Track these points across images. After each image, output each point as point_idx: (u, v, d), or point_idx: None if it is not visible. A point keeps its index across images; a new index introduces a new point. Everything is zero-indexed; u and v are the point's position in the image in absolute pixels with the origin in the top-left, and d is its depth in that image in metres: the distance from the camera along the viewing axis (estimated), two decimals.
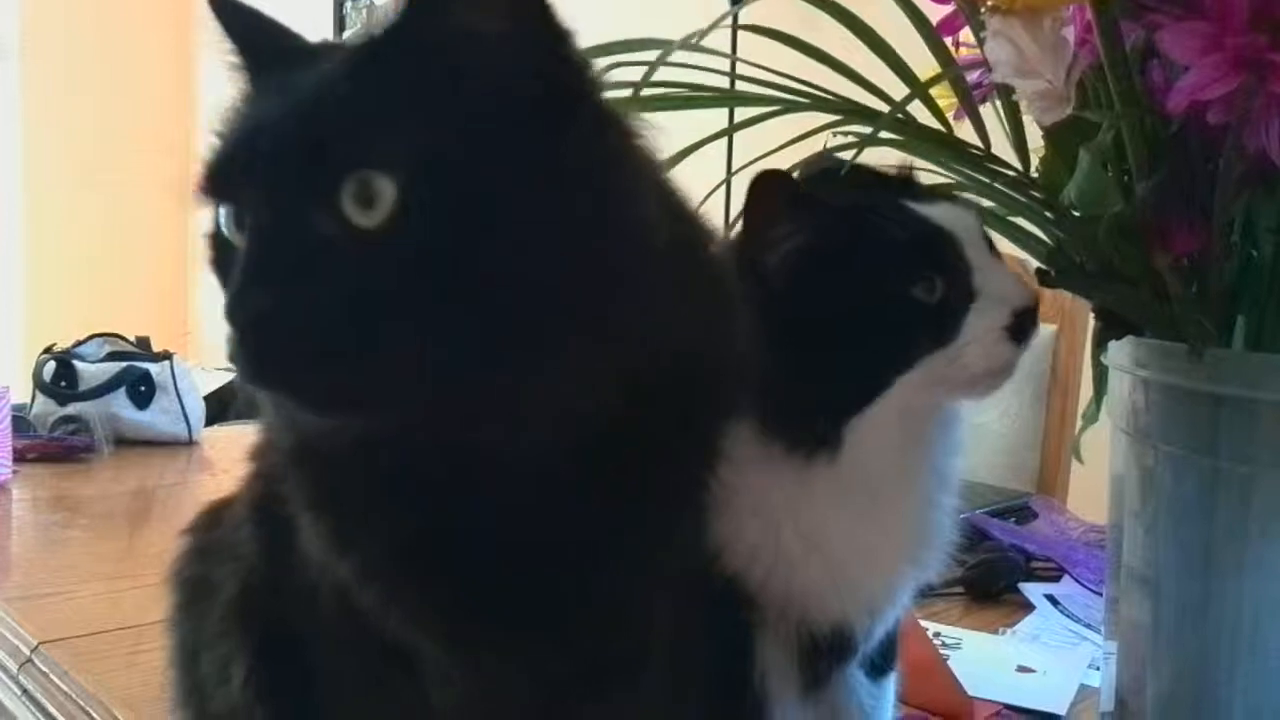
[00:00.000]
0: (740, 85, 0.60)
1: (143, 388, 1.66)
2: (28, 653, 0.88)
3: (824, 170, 0.60)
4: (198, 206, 0.44)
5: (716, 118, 0.61)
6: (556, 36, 0.42)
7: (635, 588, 0.49)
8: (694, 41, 0.54)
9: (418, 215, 0.39)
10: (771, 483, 0.56)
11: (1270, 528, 0.51)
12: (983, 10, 0.46)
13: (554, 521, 0.45)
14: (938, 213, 0.56)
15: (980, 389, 0.58)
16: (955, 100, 0.59)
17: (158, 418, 1.67)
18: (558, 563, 0.46)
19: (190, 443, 1.70)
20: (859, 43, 0.58)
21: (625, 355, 0.42)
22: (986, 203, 0.61)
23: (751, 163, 0.62)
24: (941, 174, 0.61)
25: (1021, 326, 0.56)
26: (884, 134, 0.58)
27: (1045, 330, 1.63)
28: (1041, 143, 0.57)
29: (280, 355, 0.40)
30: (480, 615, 0.46)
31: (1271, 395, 0.50)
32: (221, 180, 0.43)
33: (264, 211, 0.41)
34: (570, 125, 0.41)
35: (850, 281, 0.55)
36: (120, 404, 1.65)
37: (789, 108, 0.58)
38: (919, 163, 0.61)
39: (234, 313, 0.39)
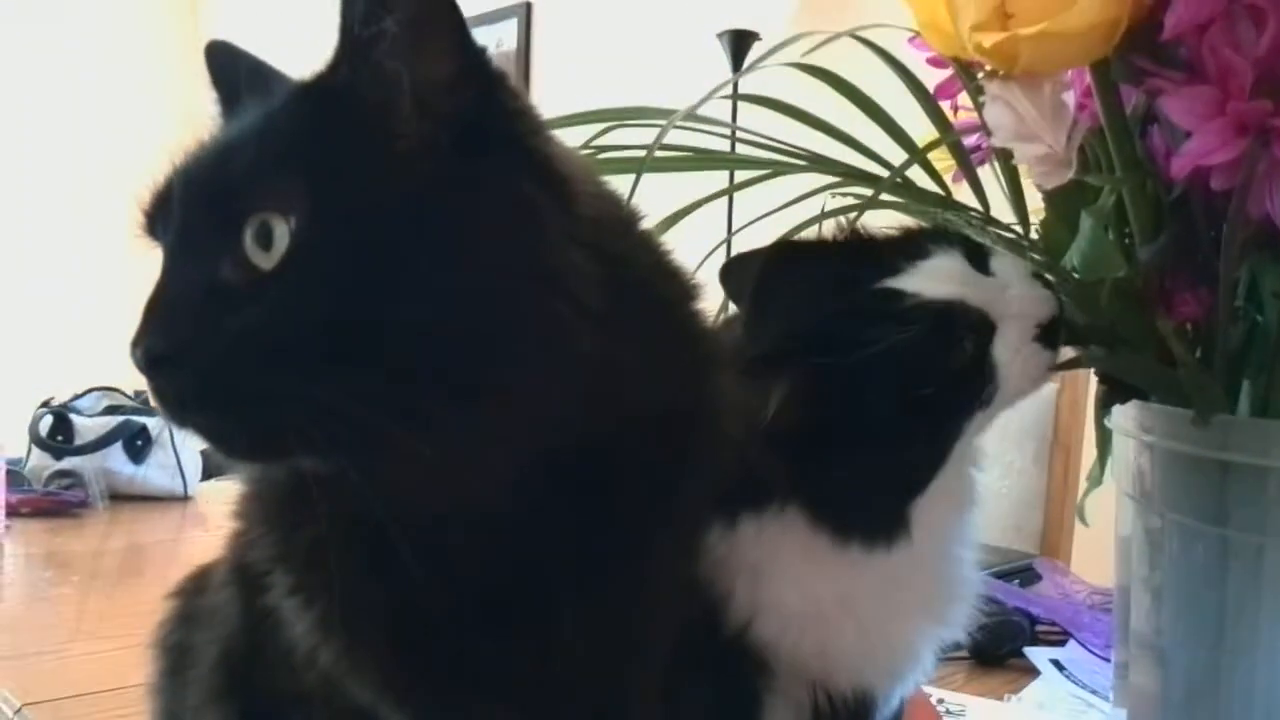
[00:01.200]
0: (740, 148, 0.60)
1: (139, 442, 1.66)
2: (11, 715, 0.86)
3: (785, 256, 0.57)
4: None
5: (715, 176, 0.61)
6: (491, 80, 0.42)
7: (609, 650, 0.48)
8: (694, 109, 0.53)
9: (309, 257, 0.39)
10: (822, 561, 0.55)
11: None
12: (981, 75, 0.45)
13: (511, 581, 0.44)
14: (927, 281, 0.54)
15: (1024, 398, 0.56)
16: (953, 163, 0.59)
17: (153, 472, 1.66)
18: (515, 624, 0.45)
19: (185, 498, 1.69)
20: (857, 110, 0.58)
21: (546, 409, 0.41)
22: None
23: (751, 223, 0.62)
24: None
25: (1050, 332, 0.54)
26: (884, 197, 0.57)
27: (1046, 388, 1.62)
28: (1040, 204, 0.57)
29: (179, 396, 0.40)
30: (435, 681, 0.45)
31: None
32: (149, 222, 0.44)
33: (175, 253, 0.41)
34: (490, 173, 0.41)
35: (878, 395, 0.53)
36: (116, 458, 1.64)
37: (786, 169, 0.58)
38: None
39: (131, 352, 0.40)
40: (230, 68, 0.48)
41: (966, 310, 0.53)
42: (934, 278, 0.54)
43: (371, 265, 0.39)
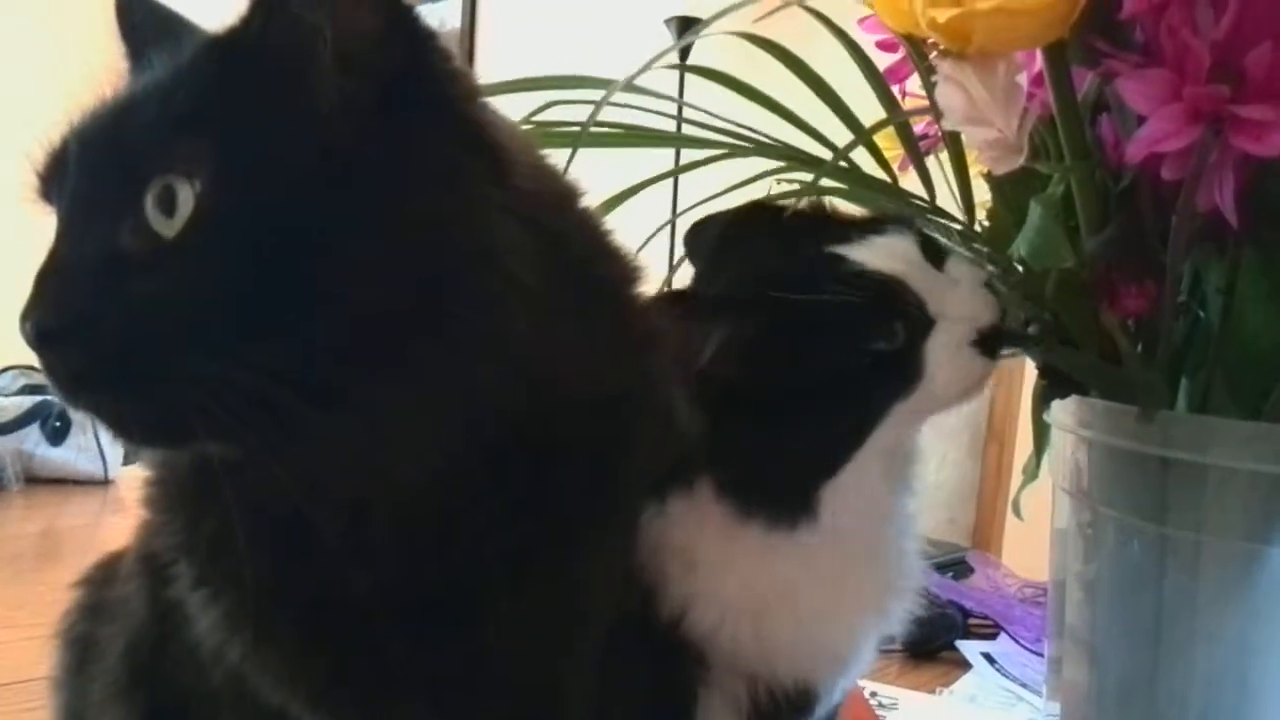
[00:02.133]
0: (686, 128, 0.58)
1: (58, 423, 1.60)
2: None
3: (748, 219, 0.57)
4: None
5: (662, 158, 0.60)
6: (419, 38, 0.39)
7: (541, 648, 0.45)
8: (635, 78, 0.51)
9: (215, 223, 0.36)
10: (744, 544, 0.53)
11: (1220, 598, 0.49)
12: (933, 55, 0.44)
13: (436, 574, 0.41)
14: (875, 255, 0.53)
15: (955, 405, 0.55)
16: (901, 150, 0.58)
17: (72, 455, 1.61)
18: (440, 620, 0.42)
19: (106, 482, 1.64)
20: (805, 94, 0.56)
21: (475, 390, 0.39)
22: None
23: (695, 206, 0.61)
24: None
25: (990, 340, 0.53)
26: (827, 182, 0.56)
27: None
28: (987, 196, 0.56)
29: (72, 374, 0.37)
30: (351, 681, 0.43)
31: (1222, 460, 0.48)
32: (44, 186, 0.41)
33: (70, 219, 0.38)
34: (416, 136, 0.38)
35: (801, 358, 0.52)
36: (33, 440, 1.59)
37: (733, 152, 0.57)
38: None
39: (20, 326, 0.37)
40: (141, 20, 0.44)
41: (905, 291, 0.52)
42: (882, 252, 0.53)
43: (283, 232, 0.36)
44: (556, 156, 0.50)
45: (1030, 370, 0.58)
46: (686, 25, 2.37)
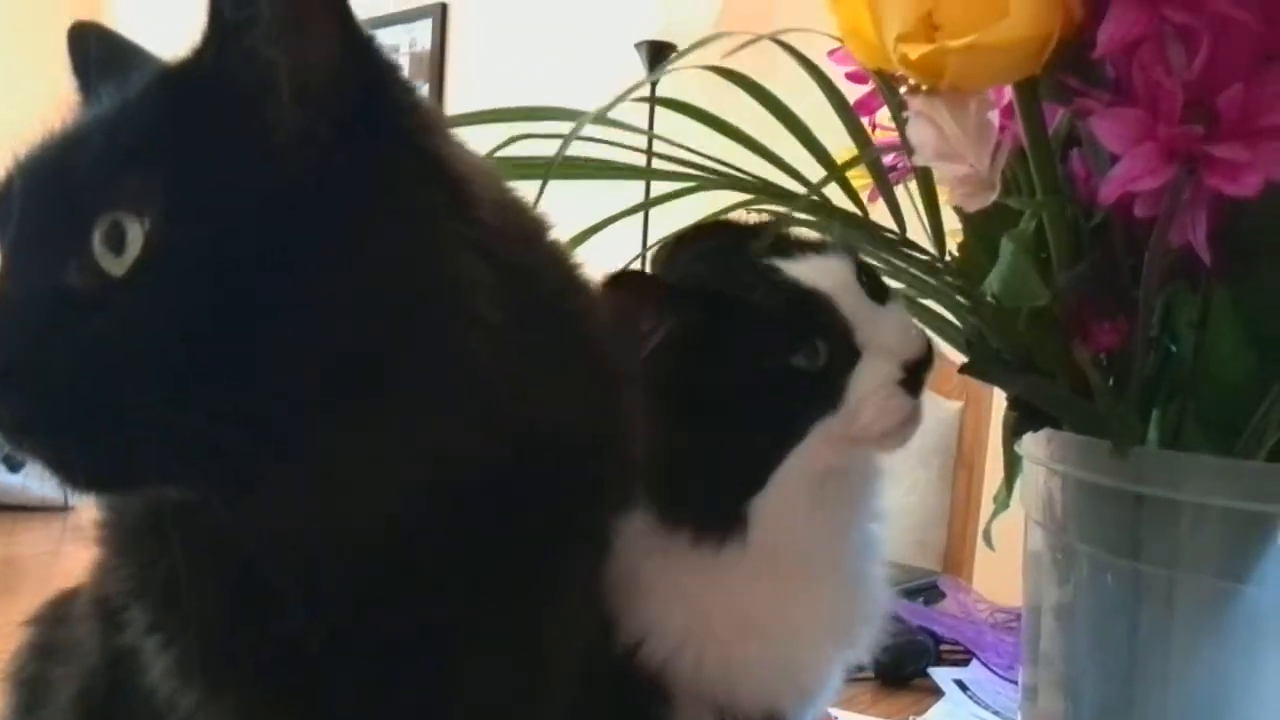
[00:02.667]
0: (656, 162, 0.58)
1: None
2: None
3: (692, 234, 0.59)
4: None
5: (632, 190, 0.59)
6: (378, 70, 0.38)
7: (508, 697, 0.44)
8: (605, 112, 0.51)
9: (165, 261, 0.35)
10: (689, 567, 0.53)
11: (1195, 635, 0.49)
12: (904, 89, 0.44)
13: (389, 620, 0.40)
14: (809, 271, 0.54)
15: (887, 444, 0.56)
16: (870, 181, 0.57)
17: (31, 480, 1.58)
18: (398, 670, 0.41)
19: (65, 508, 1.60)
20: (775, 126, 0.56)
21: (436, 433, 0.38)
22: (894, 284, 0.59)
23: (666, 238, 0.60)
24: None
25: (915, 377, 0.54)
26: (798, 214, 0.56)
27: (951, 406, 1.64)
28: (956, 225, 0.56)
29: (13, 418, 0.35)
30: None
31: (1195, 497, 0.48)
32: None
33: (14, 256, 0.37)
34: (375, 171, 0.37)
35: (726, 361, 0.52)
36: None
37: (703, 185, 0.57)
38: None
39: None
40: (95, 51, 0.43)
41: (830, 310, 0.53)
42: (815, 270, 0.54)
43: (236, 270, 0.35)
44: (525, 189, 0.50)
45: (999, 394, 0.58)
46: (658, 50, 2.38)
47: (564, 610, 0.47)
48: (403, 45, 3.32)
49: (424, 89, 3.23)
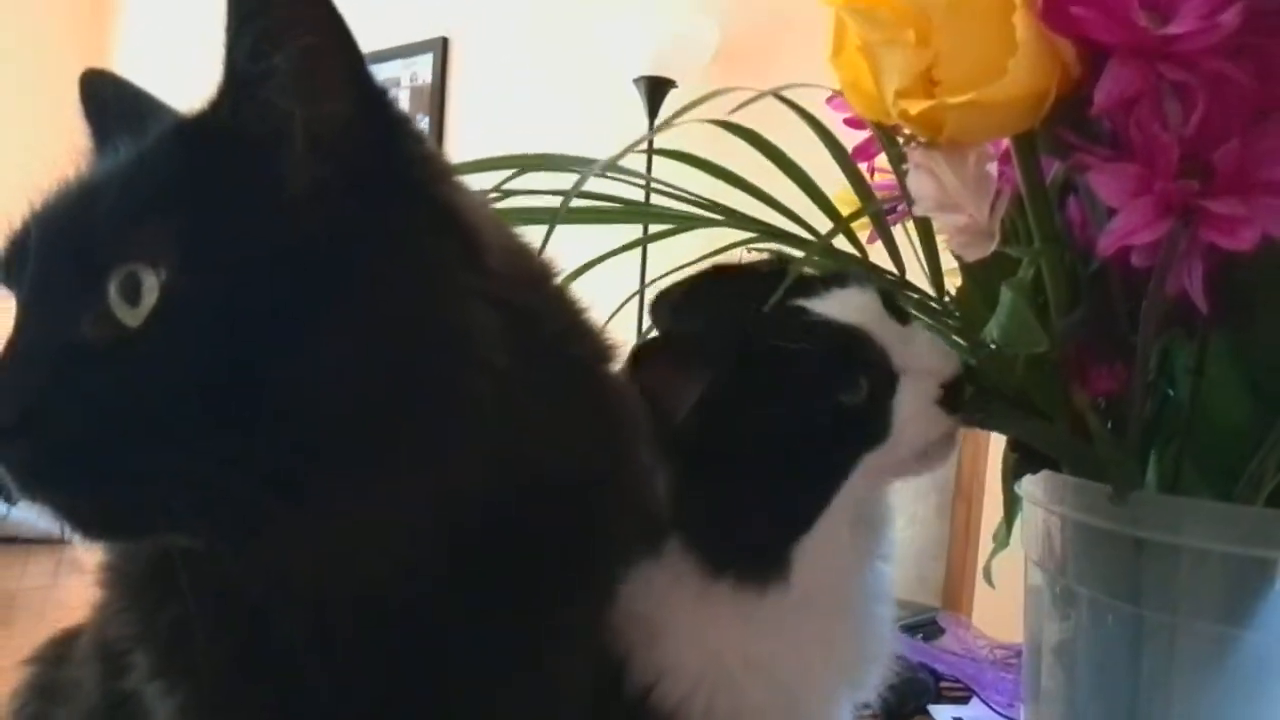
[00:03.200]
0: (655, 198, 0.58)
1: None
2: None
3: (710, 280, 0.58)
4: None
5: (630, 226, 0.60)
6: (391, 121, 0.39)
7: None
8: (612, 163, 0.51)
9: (180, 312, 0.35)
10: (714, 611, 0.53)
11: (1196, 680, 0.49)
12: (903, 140, 0.44)
13: (407, 670, 0.40)
14: (838, 307, 0.54)
15: (926, 465, 0.56)
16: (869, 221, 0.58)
17: (26, 512, 1.57)
18: (412, 705, 0.41)
19: (63, 541, 1.59)
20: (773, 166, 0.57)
21: (446, 480, 0.38)
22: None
23: (664, 275, 0.61)
24: None
25: (954, 395, 0.53)
26: (796, 254, 0.56)
27: None
28: (954, 264, 0.56)
29: (28, 469, 0.36)
30: None
31: (1193, 541, 0.48)
32: (4, 271, 0.40)
33: (30, 306, 0.37)
34: (388, 221, 0.38)
35: (769, 408, 0.52)
36: None
37: (701, 223, 0.57)
38: None
39: None
40: (109, 99, 0.44)
41: (868, 342, 0.53)
42: (844, 304, 0.54)
43: (251, 322, 0.35)
44: (529, 232, 0.50)
45: (1000, 436, 0.58)
46: (655, 85, 2.39)
47: (572, 651, 0.47)
48: (404, 79, 3.34)
49: (424, 122, 3.25)
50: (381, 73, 3.49)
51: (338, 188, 0.37)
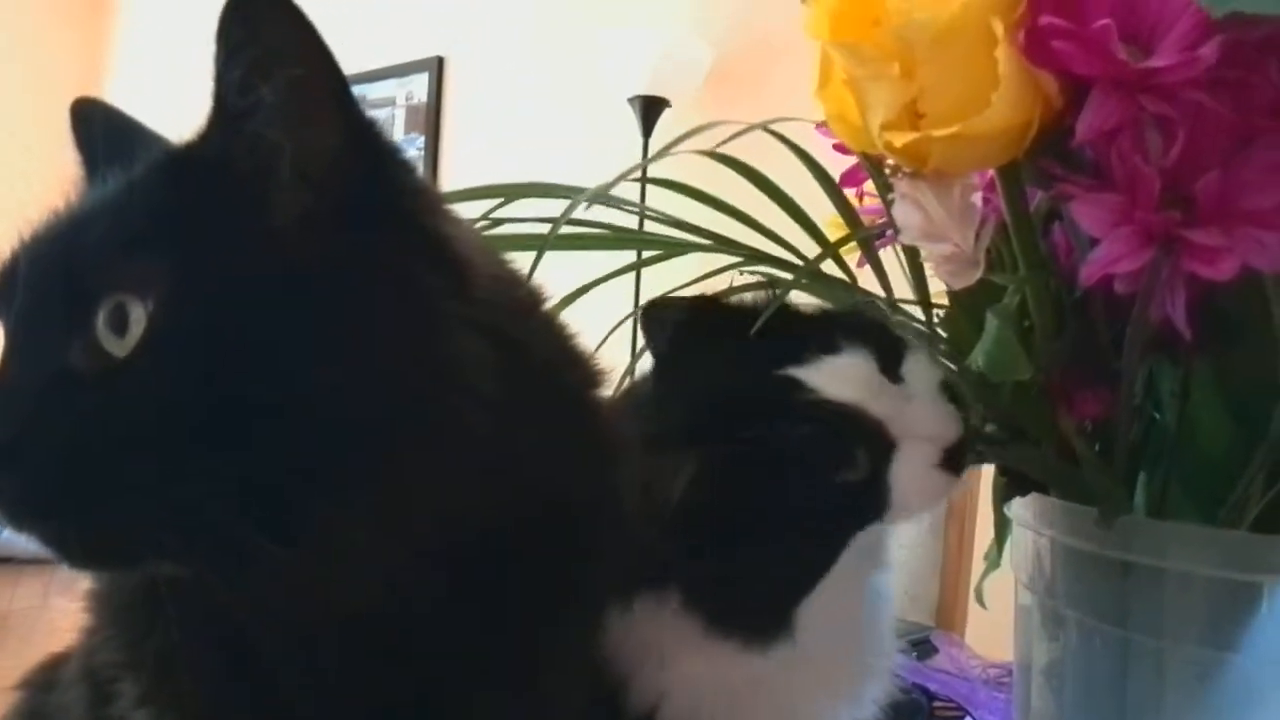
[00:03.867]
0: (648, 224, 0.59)
1: None
2: None
3: (702, 317, 0.56)
4: None
5: (623, 255, 0.60)
6: (381, 152, 0.39)
7: None
8: (603, 192, 0.52)
9: (168, 343, 0.35)
10: (718, 648, 0.53)
11: (1184, 703, 0.49)
12: (888, 170, 0.45)
13: (396, 697, 0.40)
14: (830, 379, 0.52)
15: (918, 513, 0.55)
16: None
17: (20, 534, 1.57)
18: None
19: (55, 562, 1.59)
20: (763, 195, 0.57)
21: (436, 510, 0.38)
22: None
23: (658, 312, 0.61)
24: None
25: (956, 457, 0.53)
26: (787, 277, 0.57)
27: None
28: (943, 287, 0.56)
29: (15, 498, 0.36)
30: None
31: (1180, 565, 0.48)
32: None
33: (18, 336, 0.37)
34: (377, 253, 0.38)
35: (766, 489, 0.51)
36: None
37: (691, 248, 0.57)
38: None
39: None
40: (98, 128, 0.44)
41: (863, 420, 0.52)
42: (837, 377, 0.52)
43: (239, 353, 0.35)
44: (521, 259, 0.51)
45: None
46: (650, 104, 2.40)
47: (565, 671, 0.47)
48: (399, 98, 3.35)
49: (420, 142, 3.26)
50: (377, 92, 3.51)
51: (327, 219, 0.37)
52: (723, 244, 0.58)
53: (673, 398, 0.54)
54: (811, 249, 0.57)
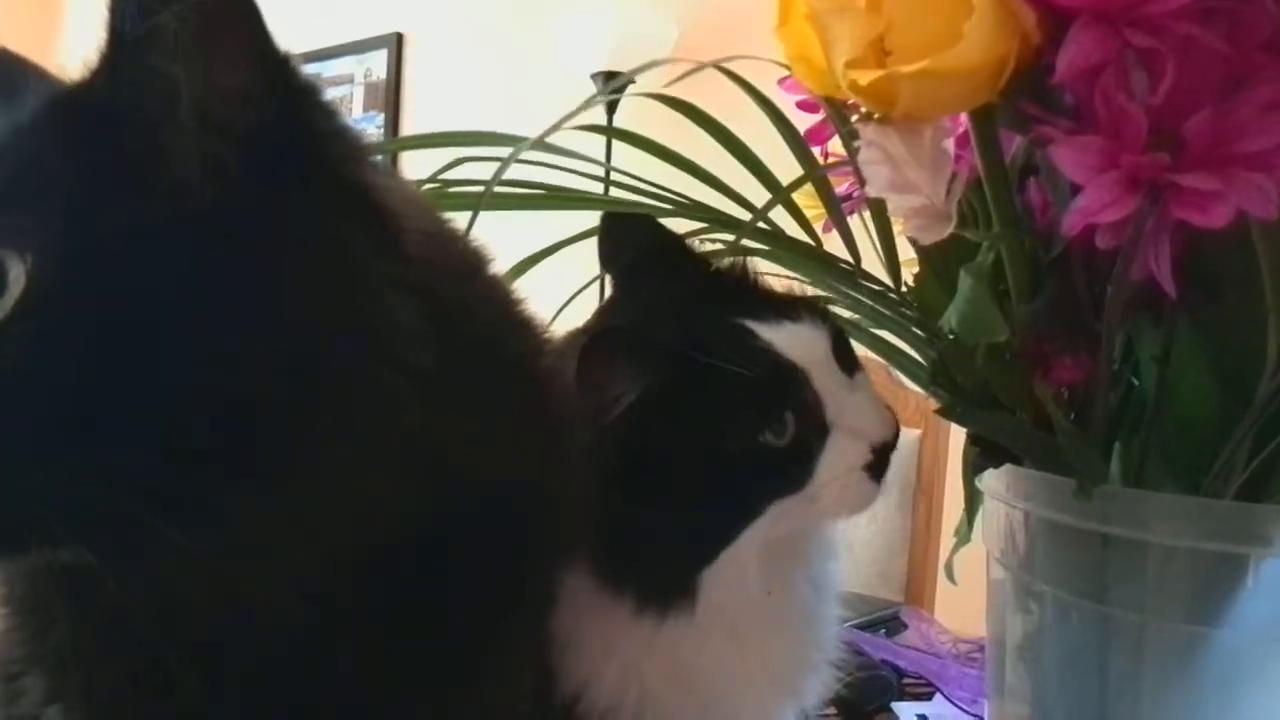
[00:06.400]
0: (613, 190, 0.56)
1: None
2: None
3: (669, 255, 0.56)
4: None
5: (589, 215, 0.57)
6: (295, 92, 0.35)
7: None
8: (547, 136, 0.49)
9: (49, 304, 0.31)
10: (624, 626, 0.51)
11: (1165, 680, 0.47)
12: (855, 117, 0.42)
13: (319, 703, 0.37)
14: (784, 339, 0.52)
15: (840, 518, 0.55)
16: (824, 212, 0.56)
17: None
18: None
19: None
20: (727, 156, 0.55)
21: (359, 496, 0.35)
22: (849, 314, 0.58)
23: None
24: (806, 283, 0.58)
25: (880, 460, 0.52)
26: (751, 244, 0.54)
27: (910, 435, 1.63)
28: (912, 255, 0.54)
29: None
30: None
31: (1161, 537, 0.46)
32: None
33: None
34: (290, 203, 0.34)
35: (690, 429, 0.50)
36: None
37: (654, 213, 0.55)
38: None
39: None
40: None
41: (803, 387, 0.51)
42: (791, 338, 0.52)
43: (132, 315, 0.32)
44: (463, 220, 0.47)
45: (958, 427, 0.56)
46: (612, 80, 2.37)
47: (510, 662, 0.44)
48: (357, 75, 3.30)
49: (380, 120, 3.21)
50: (335, 69, 3.47)
51: (231, 165, 0.33)
52: (683, 209, 0.55)
53: (624, 316, 0.54)
54: (779, 215, 0.55)
